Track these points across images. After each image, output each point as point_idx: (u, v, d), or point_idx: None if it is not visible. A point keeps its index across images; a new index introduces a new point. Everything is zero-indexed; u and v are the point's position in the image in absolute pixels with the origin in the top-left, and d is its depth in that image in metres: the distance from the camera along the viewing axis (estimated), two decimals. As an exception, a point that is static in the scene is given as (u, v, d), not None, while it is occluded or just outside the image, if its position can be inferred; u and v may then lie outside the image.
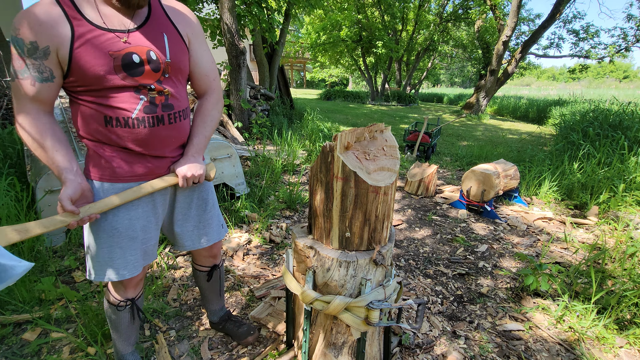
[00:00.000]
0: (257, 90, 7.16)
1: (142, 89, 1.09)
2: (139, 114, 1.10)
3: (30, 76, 1.01)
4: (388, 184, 1.19)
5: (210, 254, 1.54)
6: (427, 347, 1.76)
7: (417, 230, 3.20)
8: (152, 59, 1.10)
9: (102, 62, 1.03)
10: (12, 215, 2.21)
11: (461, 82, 50.11)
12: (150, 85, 1.10)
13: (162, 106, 1.14)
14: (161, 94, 1.13)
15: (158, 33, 1.12)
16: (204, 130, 1.29)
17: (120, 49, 1.05)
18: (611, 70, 68.86)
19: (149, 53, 1.09)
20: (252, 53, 9.38)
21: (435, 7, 18.96)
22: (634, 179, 3.91)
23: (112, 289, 1.35)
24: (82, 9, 1.02)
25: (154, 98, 1.12)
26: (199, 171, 1.24)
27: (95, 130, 1.11)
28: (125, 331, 1.42)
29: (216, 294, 1.68)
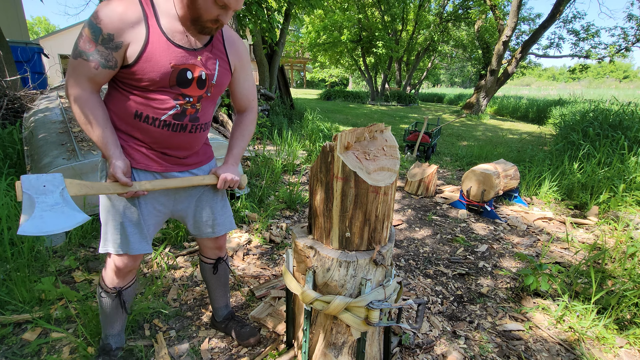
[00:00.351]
0: (257, 90, 7.17)
1: (181, 98, 1.21)
2: (167, 118, 1.21)
3: (96, 60, 1.10)
4: (388, 184, 1.19)
5: (216, 246, 1.60)
6: (427, 347, 1.76)
7: (417, 230, 3.20)
8: (202, 79, 1.23)
9: (164, 70, 1.14)
10: (12, 216, 2.21)
11: (461, 82, 50.10)
12: (190, 97, 1.23)
13: (190, 117, 1.26)
14: (194, 107, 1.25)
15: (213, 59, 1.25)
16: (242, 143, 1.46)
17: (180, 63, 1.16)
18: (611, 70, 68.86)
19: (202, 73, 1.22)
20: (252, 53, 9.38)
21: (435, 7, 18.97)
22: (634, 179, 3.91)
23: (104, 276, 1.42)
24: (160, 17, 1.13)
25: (186, 109, 1.24)
26: (236, 178, 1.40)
27: (122, 121, 1.22)
28: (111, 316, 1.48)
29: (222, 289, 1.72)
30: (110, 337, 1.53)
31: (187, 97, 1.22)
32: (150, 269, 2.29)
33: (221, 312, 1.77)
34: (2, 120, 4.10)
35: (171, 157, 1.31)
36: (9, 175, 2.76)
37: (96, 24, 1.06)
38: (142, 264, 2.32)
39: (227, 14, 1.13)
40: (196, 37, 1.20)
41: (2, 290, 1.86)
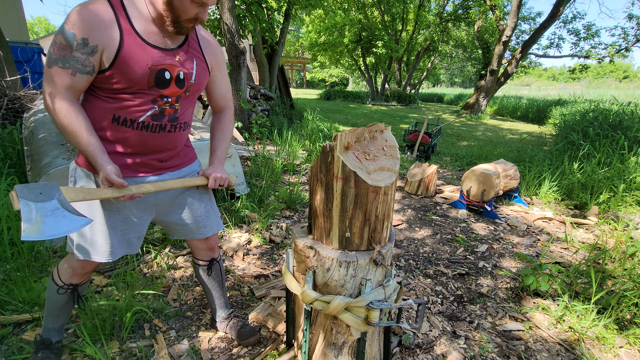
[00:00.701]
0: (257, 90, 7.16)
1: (159, 99, 1.21)
2: (145, 119, 1.21)
3: (73, 67, 1.09)
4: (388, 184, 1.19)
5: (208, 247, 1.60)
6: (427, 347, 1.76)
7: (417, 230, 3.20)
8: (180, 78, 1.23)
9: (141, 72, 1.14)
10: (12, 216, 2.21)
11: (461, 82, 50.10)
12: (169, 98, 1.23)
13: (168, 117, 1.26)
14: (172, 107, 1.26)
15: (190, 58, 1.26)
16: (224, 143, 1.48)
17: (158, 63, 1.17)
18: (611, 70, 68.85)
19: (179, 73, 1.23)
20: (252, 53, 9.38)
21: (435, 7, 18.96)
22: (634, 179, 3.91)
23: (59, 270, 1.42)
24: (132, 19, 1.13)
25: (165, 109, 1.24)
26: (225, 176, 1.43)
27: (99, 125, 1.20)
28: (58, 312, 1.48)
29: (219, 289, 1.71)
30: (52, 331, 1.52)
31: (165, 97, 1.22)
32: (150, 269, 2.29)
33: (220, 312, 1.76)
34: (2, 120, 4.10)
35: (150, 162, 1.30)
36: (9, 175, 2.76)
37: (69, 30, 1.05)
38: (142, 264, 2.32)
39: (205, 10, 1.14)
40: (171, 37, 1.21)
41: (2, 290, 1.86)
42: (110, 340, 1.68)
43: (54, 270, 1.43)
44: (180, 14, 1.11)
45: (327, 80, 32.24)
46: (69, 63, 1.08)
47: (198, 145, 2.97)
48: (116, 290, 1.97)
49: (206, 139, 3.07)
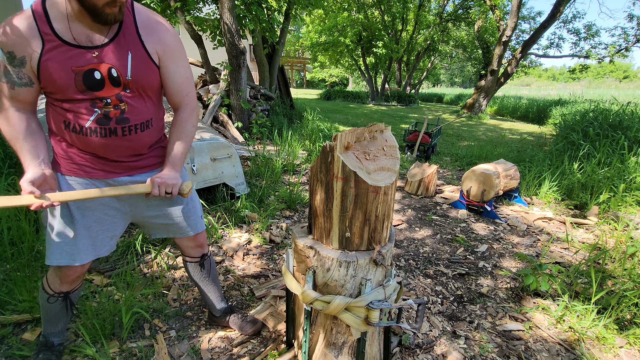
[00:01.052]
0: (257, 90, 7.16)
1: (98, 102, 1.14)
2: (91, 125, 1.16)
3: (10, 81, 1.09)
4: (388, 184, 1.19)
5: (197, 244, 1.58)
6: (427, 347, 1.76)
7: (417, 230, 3.20)
8: (113, 75, 1.14)
9: (65, 76, 1.09)
10: (12, 215, 2.21)
11: (461, 82, 50.10)
12: (107, 99, 1.15)
13: (115, 120, 1.18)
14: (117, 107, 1.17)
15: (123, 51, 1.14)
16: (180, 144, 1.33)
17: (82, 64, 1.10)
18: (611, 70, 68.84)
19: (110, 70, 1.13)
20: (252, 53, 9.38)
21: (436, 7, 18.96)
22: (634, 179, 3.91)
23: (48, 279, 1.39)
24: (54, 23, 1.07)
25: (109, 112, 1.16)
26: (172, 182, 1.28)
27: (58, 129, 1.20)
28: (54, 319, 1.47)
29: (213, 284, 1.72)
30: (53, 334, 1.52)
31: (103, 99, 1.14)
32: (150, 269, 2.29)
33: (218, 306, 1.76)
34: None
35: (117, 162, 1.26)
36: (9, 175, 2.76)
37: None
38: (142, 264, 2.32)
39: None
40: (99, 31, 1.11)
41: (2, 290, 1.86)
42: (110, 340, 1.68)
43: (44, 280, 1.41)
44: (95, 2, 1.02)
45: (327, 80, 32.23)
46: (6, 77, 1.09)
47: (198, 146, 2.97)
48: (116, 290, 1.97)
49: (206, 139, 3.07)
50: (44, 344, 1.52)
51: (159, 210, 1.41)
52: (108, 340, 1.68)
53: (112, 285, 2.06)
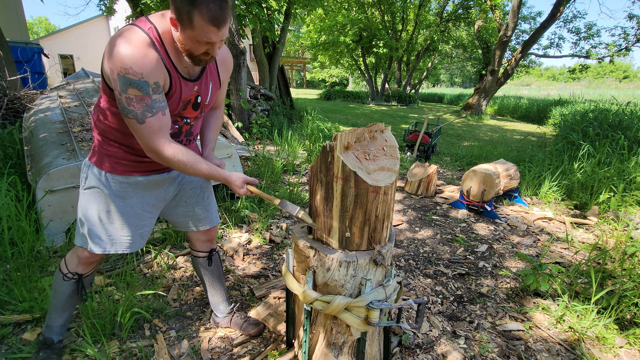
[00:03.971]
0: (257, 90, 7.16)
1: (179, 120, 1.31)
2: None
3: (160, 108, 1.16)
4: (388, 184, 1.19)
5: (208, 238, 1.66)
6: (427, 347, 1.76)
7: (417, 230, 3.20)
8: (197, 102, 1.33)
9: (178, 104, 1.25)
10: (12, 215, 2.21)
11: (461, 82, 50.10)
12: (188, 119, 1.34)
13: (185, 133, 1.37)
14: (188, 123, 1.36)
15: (207, 82, 1.34)
16: (216, 135, 1.58)
17: (189, 95, 1.27)
18: (611, 70, 68.82)
19: (197, 98, 1.32)
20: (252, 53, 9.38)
21: (436, 6, 18.96)
22: (634, 179, 3.91)
23: (66, 259, 1.46)
24: (171, 56, 1.18)
25: (182, 127, 1.34)
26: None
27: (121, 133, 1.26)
28: (63, 304, 1.50)
29: (219, 282, 1.75)
30: (54, 329, 1.54)
31: (185, 118, 1.32)
32: (150, 269, 2.29)
33: (222, 307, 1.79)
34: (2, 120, 4.10)
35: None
36: (10, 175, 2.76)
37: (140, 79, 1.08)
38: (142, 264, 2.32)
39: (214, 47, 1.15)
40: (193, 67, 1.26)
41: (2, 290, 1.86)
42: (110, 340, 1.68)
43: (62, 261, 1.48)
44: (193, 52, 1.14)
45: (327, 80, 32.22)
46: (155, 107, 1.14)
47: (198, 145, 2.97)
48: (116, 290, 1.97)
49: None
50: (44, 342, 1.53)
51: (188, 207, 1.55)
52: (108, 340, 1.68)
53: (112, 285, 2.06)
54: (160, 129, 1.16)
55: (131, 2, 6.65)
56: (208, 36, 1.08)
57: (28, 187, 2.65)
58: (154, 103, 1.13)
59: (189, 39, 1.10)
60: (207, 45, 1.13)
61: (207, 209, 1.59)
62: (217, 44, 1.14)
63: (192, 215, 1.57)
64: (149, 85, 1.10)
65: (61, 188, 2.37)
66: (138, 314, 1.81)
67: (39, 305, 1.79)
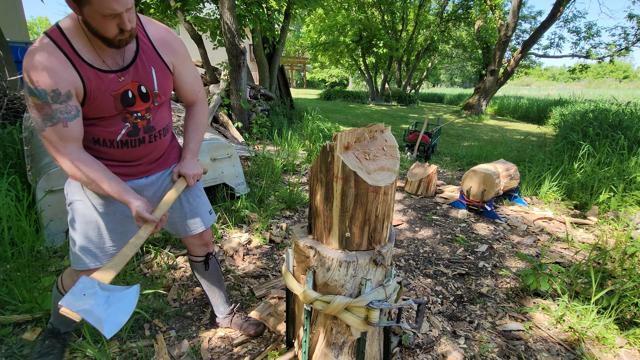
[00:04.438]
0: (257, 90, 7.16)
1: (128, 116, 1.22)
2: (122, 138, 1.24)
3: (60, 119, 1.09)
4: (388, 183, 1.19)
5: (202, 242, 1.61)
6: (427, 347, 1.76)
7: (417, 230, 3.20)
8: (142, 92, 1.22)
9: (107, 101, 1.15)
10: (12, 215, 2.21)
11: (461, 82, 50.10)
12: (137, 112, 1.23)
13: (143, 129, 1.27)
14: (143, 118, 1.26)
15: (147, 67, 1.22)
16: (197, 135, 1.46)
17: (118, 88, 1.16)
18: (611, 70, 68.80)
19: (140, 87, 1.21)
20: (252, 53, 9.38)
21: (436, 6, 18.96)
22: (634, 179, 3.91)
23: (63, 280, 1.43)
24: (81, 52, 1.10)
25: (137, 124, 1.25)
26: (199, 171, 1.42)
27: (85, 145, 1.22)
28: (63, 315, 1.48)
29: (218, 284, 1.73)
30: (61, 324, 1.57)
31: (134, 113, 1.23)
32: (150, 269, 2.29)
33: (222, 308, 1.78)
34: (2, 120, 4.10)
35: (137, 169, 1.34)
36: (10, 175, 2.76)
37: (37, 88, 1.04)
38: (142, 264, 2.32)
39: (123, 19, 1.04)
40: (120, 54, 1.16)
41: (2, 290, 1.86)
42: (110, 340, 1.68)
43: (59, 279, 1.45)
44: (103, 33, 1.04)
45: (327, 80, 32.21)
46: (56, 117, 1.08)
47: (198, 145, 2.97)
48: (116, 290, 1.97)
49: (206, 139, 3.07)
50: (51, 331, 1.56)
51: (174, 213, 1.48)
52: (109, 340, 1.68)
53: (112, 285, 2.06)
54: (60, 139, 1.10)
55: (131, 2, 6.64)
56: (109, 6, 0.98)
57: (28, 187, 2.65)
58: (54, 113, 1.07)
59: (93, 18, 1.00)
60: (116, 19, 1.02)
61: (195, 212, 1.52)
62: (125, 15, 1.03)
63: (180, 221, 1.50)
64: (47, 94, 1.04)
65: (61, 188, 2.37)
66: (138, 314, 1.81)
67: (39, 305, 1.79)
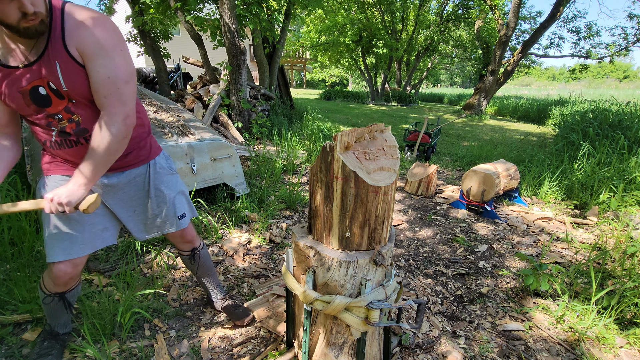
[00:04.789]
0: (257, 90, 7.16)
1: (51, 120, 1.13)
2: (57, 138, 1.19)
3: None
4: (388, 183, 1.19)
5: (184, 240, 1.66)
6: (427, 347, 1.76)
7: (417, 230, 3.20)
8: (53, 89, 1.08)
9: (15, 98, 1.08)
10: (12, 216, 2.21)
11: (461, 82, 50.10)
12: (58, 115, 1.13)
13: (74, 132, 1.18)
14: (71, 121, 1.15)
15: (52, 62, 1.05)
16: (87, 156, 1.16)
17: (25, 84, 1.07)
18: (611, 70, 68.79)
19: (49, 84, 1.07)
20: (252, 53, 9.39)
21: (436, 6, 18.96)
22: (634, 179, 3.91)
23: (44, 280, 1.41)
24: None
25: (65, 127, 1.16)
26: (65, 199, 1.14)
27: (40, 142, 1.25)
28: (53, 315, 1.50)
29: (208, 273, 1.82)
30: (57, 326, 1.56)
31: (54, 115, 1.12)
32: (150, 269, 2.29)
33: (215, 294, 1.88)
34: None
35: None
36: (10, 175, 2.75)
37: None
38: (142, 264, 2.32)
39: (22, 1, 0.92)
40: (28, 47, 1.04)
41: (2, 290, 1.86)
42: (110, 340, 1.68)
43: (41, 279, 1.43)
44: (5, 19, 0.94)
45: (327, 81, 32.21)
46: None
47: (198, 146, 2.97)
48: (116, 290, 1.97)
49: (206, 139, 3.07)
50: (49, 332, 1.57)
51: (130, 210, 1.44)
52: (108, 340, 1.68)
53: (112, 285, 2.06)
54: None
55: (131, 2, 6.66)
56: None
57: (28, 187, 2.65)
58: None
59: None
60: (14, 2, 0.91)
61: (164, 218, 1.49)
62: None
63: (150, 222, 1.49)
64: None
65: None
66: (138, 314, 1.81)
67: (39, 305, 1.79)
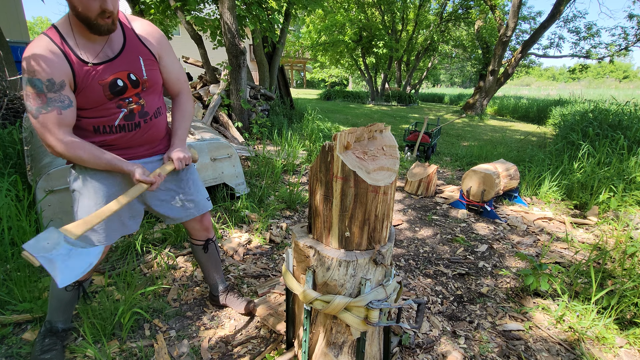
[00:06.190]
0: (257, 90, 7.16)
1: (122, 102, 1.33)
2: (120, 122, 1.35)
3: (55, 107, 1.19)
4: (387, 183, 1.19)
5: (203, 227, 1.74)
6: (427, 347, 1.76)
7: (417, 230, 3.20)
8: (132, 79, 1.33)
9: (96, 91, 1.26)
10: (12, 216, 2.21)
11: (461, 82, 50.10)
12: (130, 98, 1.35)
13: (138, 114, 1.39)
14: (138, 104, 1.38)
15: (135, 57, 1.34)
16: (184, 123, 1.56)
17: (106, 77, 1.27)
18: (611, 70, 68.77)
19: (130, 75, 1.33)
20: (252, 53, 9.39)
21: (435, 6, 18.96)
22: (634, 178, 3.91)
23: None
24: (72, 47, 1.21)
25: (133, 109, 1.37)
26: (187, 155, 1.50)
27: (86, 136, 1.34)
28: (64, 307, 1.56)
29: (215, 266, 1.88)
30: (58, 321, 1.58)
31: (127, 99, 1.34)
32: (150, 269, 2.29)
33: (219, 285, 1.92)
34: (2, 120, 4.10)
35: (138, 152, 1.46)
36: (10, 175, 2.76)
37: (33, 77, 1.15)
38: (142, 264, 2.32)
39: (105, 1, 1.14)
40: (109, 45, 1.28)
41: (2, 290, 1.86)
42: (110, 340, 1.68)
43: None
44: (87, 14, 1.14)
45: (327, 81, 32.21)
46: (51, 105, 1.18)
47: (198, 146, 2.97)
48: (116, 290, 1.98)
49: (206, 139, 3.07)
50: (49, 330, 1.57)
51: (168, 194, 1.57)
52: (108, 340, 1.68)
53: (112, 285, 2.06)
54: (55, 125, 1.20)
55: (131, 2, 6.66)
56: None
57: (28, 187, 2.65)
58: (49, 101, 1.17)
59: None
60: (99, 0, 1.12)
61: (191, 198, 1.62)
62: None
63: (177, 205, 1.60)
64: (42, 83, 1.15)
65: (61, 188, 2.37)
66: (138, 314, 1.81)
67: (39, 305, 1.79)
